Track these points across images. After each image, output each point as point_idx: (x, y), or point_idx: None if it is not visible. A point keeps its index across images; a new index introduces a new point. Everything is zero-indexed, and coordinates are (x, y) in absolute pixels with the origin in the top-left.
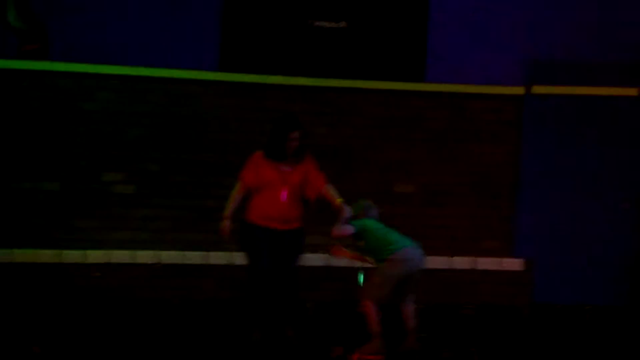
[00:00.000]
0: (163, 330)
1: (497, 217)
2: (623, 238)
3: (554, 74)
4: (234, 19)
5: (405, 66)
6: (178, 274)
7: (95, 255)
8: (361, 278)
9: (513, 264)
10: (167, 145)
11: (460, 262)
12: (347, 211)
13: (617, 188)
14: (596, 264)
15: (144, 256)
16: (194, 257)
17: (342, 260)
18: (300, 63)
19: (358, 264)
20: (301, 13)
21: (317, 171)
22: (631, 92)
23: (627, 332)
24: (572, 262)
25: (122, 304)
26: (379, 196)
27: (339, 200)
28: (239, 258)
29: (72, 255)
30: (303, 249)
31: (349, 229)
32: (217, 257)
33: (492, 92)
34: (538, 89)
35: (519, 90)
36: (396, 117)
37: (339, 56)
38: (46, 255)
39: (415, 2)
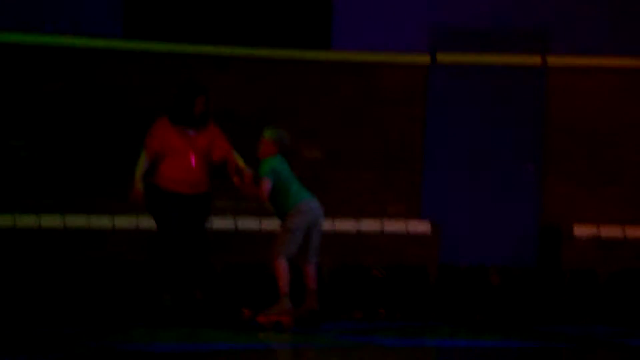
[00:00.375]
0: (78, 292)
1: (404, 181)
2: (527, 200)
3: (458, 40)
4: None
5: (311, 33)
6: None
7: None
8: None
9: (419, 226)
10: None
11: (368, 225)
12: (251, 174)
13: (522, 151)
14: (501, 226)
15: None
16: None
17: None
18: (205, 30)
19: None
20: None
21: (222, 136)
22: (535, 60)
23: (532, 291)
24: (477, 225)
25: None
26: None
27: (242, 165)
28: (146, 222)
29: None
30: (210, 212)
31: (267, 184)
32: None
33: (399, 60)
34: (442, 57)
35: (424, 58)
36: (304, 85)
37: (245, 23)
38: None
39: None
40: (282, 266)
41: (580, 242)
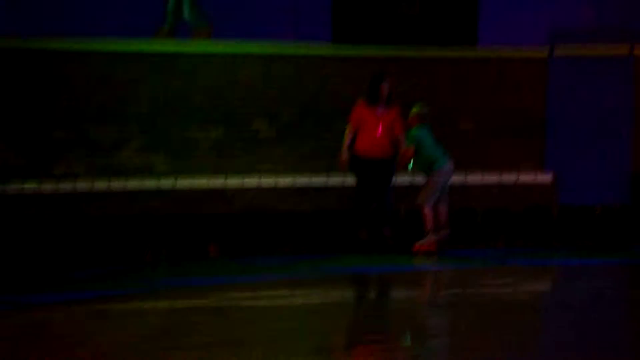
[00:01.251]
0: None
1: (533, 145)
2: (620, 155)
3: (571, 36)
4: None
5: (461, 34)
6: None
7: (251, 182)
8: (410, 166)
9: (544, 177)
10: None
11: (507, 177)
12: (410, 152)
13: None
14: (602, 174)
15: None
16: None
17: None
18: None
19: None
20: None
21: (399, 119)
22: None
23: (627, 222)
24: (586, 174)
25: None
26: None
27: (404, 148)
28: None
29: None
30: (394, 172)
31: (411, 149)
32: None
33: (525, 54)
34: (559, 51)
35: (544, 52)
36: (455, 75)
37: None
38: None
39: None
40: (429, 210)
41: None
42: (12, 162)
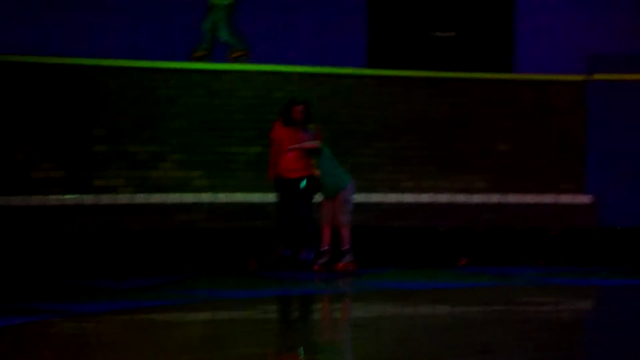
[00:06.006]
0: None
1: (572, 167)
2: None
3: (607, 63)
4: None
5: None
6: None
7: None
8: (303, 184)
9: (583, 198)
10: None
11: (546, 198)
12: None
13: None
14: None
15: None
16: None
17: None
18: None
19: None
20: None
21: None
22: None
23: None
24: (625, 197)
25: None
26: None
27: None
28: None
29: None
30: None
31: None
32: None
33: (563, 79)
34: (598, 75)
35: (581, 77)
36: (493, 99)
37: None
38: None
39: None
40: (349, 230)
41: None
42: (54, 175)
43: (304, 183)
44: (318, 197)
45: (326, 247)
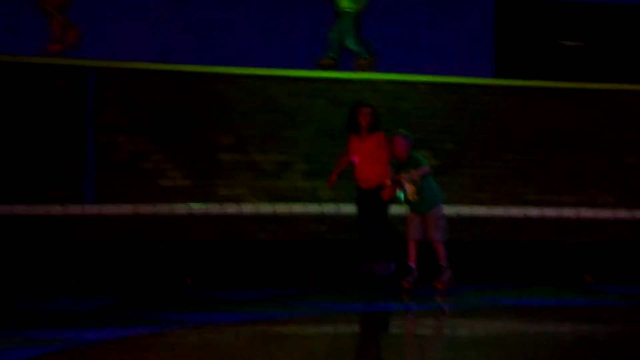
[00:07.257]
0: None
1: None
2: None
3: None
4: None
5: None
6: None
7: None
8: (401, 195)
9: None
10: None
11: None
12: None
13: None
14: None
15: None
16: None
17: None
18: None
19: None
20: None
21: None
22: None
23: None
24: None
25: None
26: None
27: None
28: None
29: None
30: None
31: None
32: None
33: None
34: None
35: None
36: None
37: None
38: None
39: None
40: (444, 246)
41: None
42: (180, 183)
43: (401, 195)
44: (406, 210)
45: (412, 265)
